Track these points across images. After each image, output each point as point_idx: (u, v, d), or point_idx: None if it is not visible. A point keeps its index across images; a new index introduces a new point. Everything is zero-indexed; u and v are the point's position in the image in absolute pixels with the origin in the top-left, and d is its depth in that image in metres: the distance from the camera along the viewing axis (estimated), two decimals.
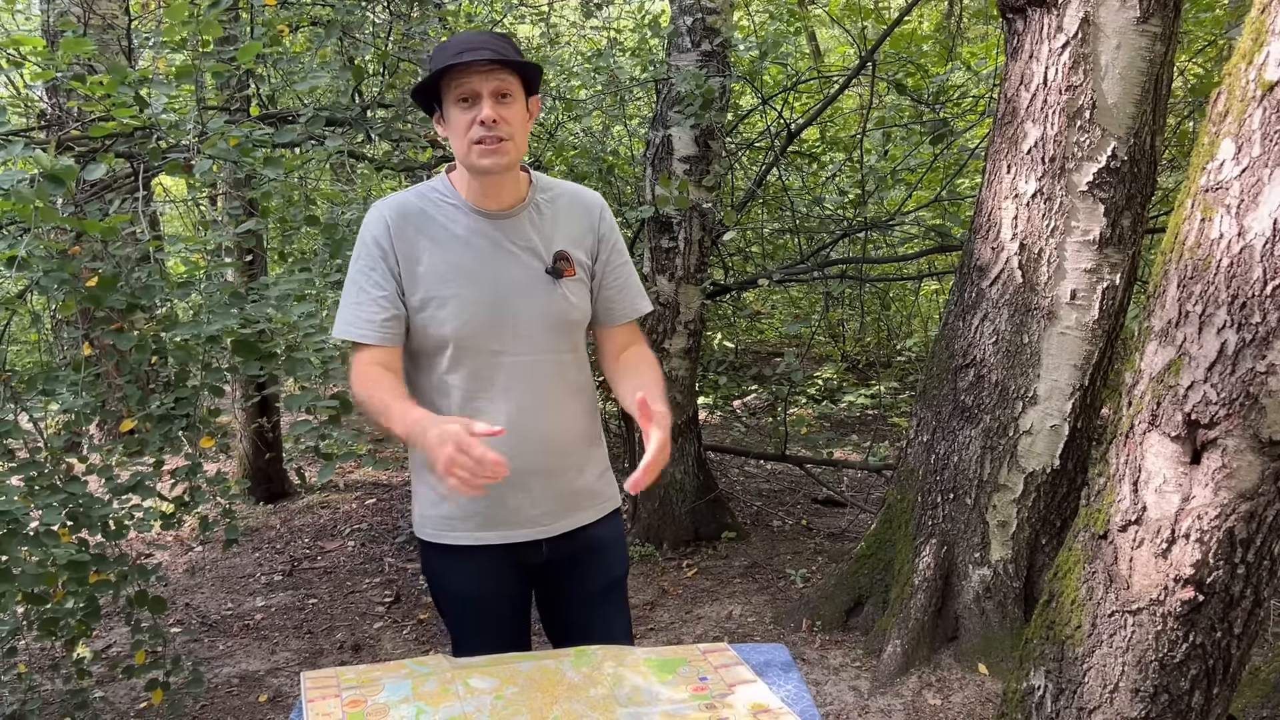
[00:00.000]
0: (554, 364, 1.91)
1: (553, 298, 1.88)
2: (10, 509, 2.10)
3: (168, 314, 2.66)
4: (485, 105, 1.76)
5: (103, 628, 4.01)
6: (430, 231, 1.86)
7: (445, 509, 1.96)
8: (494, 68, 1.76)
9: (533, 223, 1.90)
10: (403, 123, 3.96)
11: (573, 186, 2.01)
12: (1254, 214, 1.75)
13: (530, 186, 1.93)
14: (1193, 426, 1.87)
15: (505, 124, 1.78)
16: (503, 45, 1.82)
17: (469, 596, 2.03)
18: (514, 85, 1.80)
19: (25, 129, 3.47)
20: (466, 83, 1.76)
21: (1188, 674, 2.01)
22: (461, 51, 1.76)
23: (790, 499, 5.82)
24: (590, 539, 2.02)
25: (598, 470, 2.04)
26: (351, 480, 6.38)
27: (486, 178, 1.84)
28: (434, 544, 1.99)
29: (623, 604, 2.15)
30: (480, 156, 1.78)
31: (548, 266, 1.88)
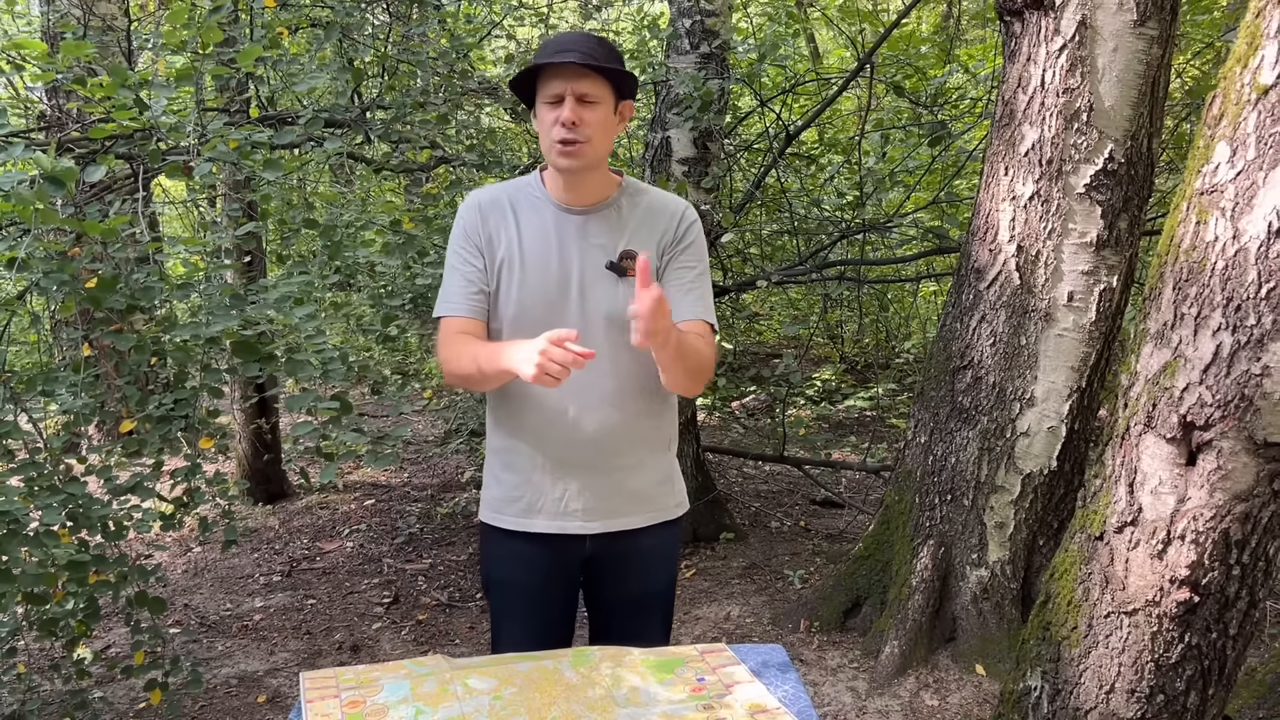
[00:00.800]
0: (614, 361, 1.91)
1: (614, 292, 1.91)
2: (10, 509, 2.11)
3: (167, 315, 2.66)
4: (567, 107, 1.81)
5: (102, 628, 4.01)
6: (514, 221, 1.95)
7: (498, 492, 2.02)
8: (582, 71, 1.81)
9: (610, 221, 1.95)
10: (401, 124, 3.96)
11: (663, 194, 2.04)
12: (1249, 217, 1.76)
13: (618, 188, 1.98)
14: (1188, 428, 1.88)
15: (585, 126, 1.83)
16: (595, 49, 1.86)
17: (510, 581, 2.07)
18: (601, 89, 1.85)
19: (25, 130, 3.47)
20: (554, 83, 1.83)
21: (1183, 675, 2.02)
22: (556, 52, 1.82)
23: (789, 500, 5.83)
24: (636, 545, 2.03)
25: (657, 478, 2.04)
26: (350, 481, 6.38)
27: (568, 176, 1.91)
28: (487, 525, 2.07)
29: (662, 614, 2.16)
30: (559, 156, 1.85)
31: (610, 262, 1.92)
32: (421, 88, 3.93)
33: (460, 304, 1.95)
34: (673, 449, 2.10)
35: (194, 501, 2.97)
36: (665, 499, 2.06)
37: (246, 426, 5.67)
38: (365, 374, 2.71)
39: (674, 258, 1.97)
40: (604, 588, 2.09)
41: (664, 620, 2.16)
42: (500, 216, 1.96)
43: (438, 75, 3.99)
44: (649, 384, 1.98)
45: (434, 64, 4.07)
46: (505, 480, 2.02)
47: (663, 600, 2.13)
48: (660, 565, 2.09)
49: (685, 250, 1.98)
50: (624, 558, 2.03)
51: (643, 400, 1.96)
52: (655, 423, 2.02)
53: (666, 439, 2.06)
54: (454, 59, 4.04)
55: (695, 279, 1.99)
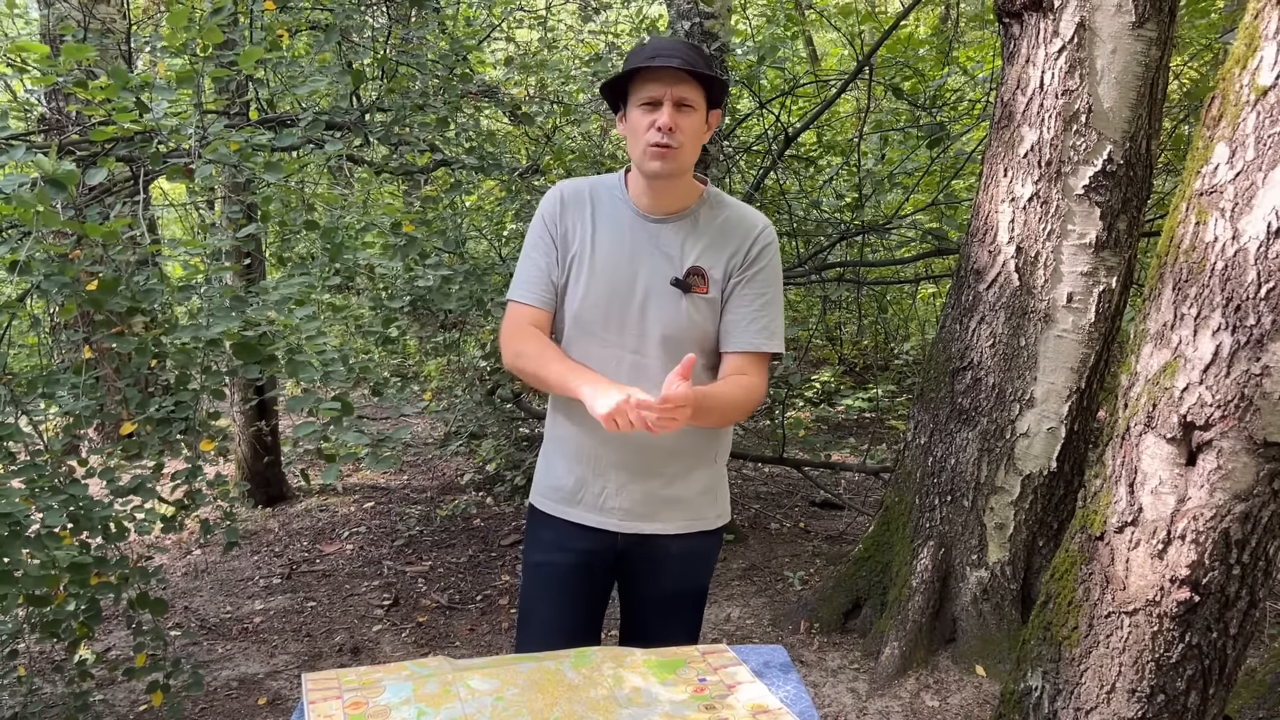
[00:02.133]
0: (661, 372, 1.88)
1: (676, 309, 1.92)
2: (12, 511, 2.11)
3: (168, 318, 2.67)
4: (665, 112, 1.82)
5: (103, 631, 4.01)
6: (592, 217, 1.96)
7: (547, 479, 2.07)
8: (681, 76, 1.82)
9: (685, 232, 1.94)
10: (401, 126, 3.96)
11: (745, 209, 2.02)
12: (1248, 217, 1.76)
13: (699, 199, 1.97)
14: (1188, 428, 1.89)
15: (680, 132, 1.84)
16: (694, 57, 1.87)
17: (546, 564, 2.09)
18: (697, 96, 1.86)
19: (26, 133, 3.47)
20: (652, 87, 1.83)
21: (1184, 674, 2.02)
22: (655, 56, 1.82)
23: (788, 501, 5.84)
24: (668, 549, 2.04)
25: (699, 488, 2.04)
26: (350, 483, 6.38)
27: (655, 181, 1.91)
28: (534, 508, 2.11)
29: (688, 619, 2.16)
30: (651, 159, 1.85)
31: (676, 278, 1.91)
32: (421, 90, 3.94)
33: (533, 293, 1.98)
34: (721, 461, 2.10)
35: (195, 504, 2.97)
36: (706, 509, 2.06)
37: (246, 429, 5.66)
38: (366, 375, 2.71)
39: (742, 280, 1.95)
40: (635, 585, 2.12)
41: (690, 625, 2.16)
42: (579, 210, 1.97)
43: (437, 78, 3.99)
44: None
45: (433, 67, 4.07)
46: (556, 468, 2.06)
47: (690, 605, 2.14)
48: (691, 571, 2.10)
49: (755, 275, 1.95)
50: (655, 559, 2.05)
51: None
52: (705, 437, 2.02)
53: (714, 452, 2.06)
54: (453, 62, 4.04)
55: (762, 306, 1.95)
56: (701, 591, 2.16)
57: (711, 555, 2.14)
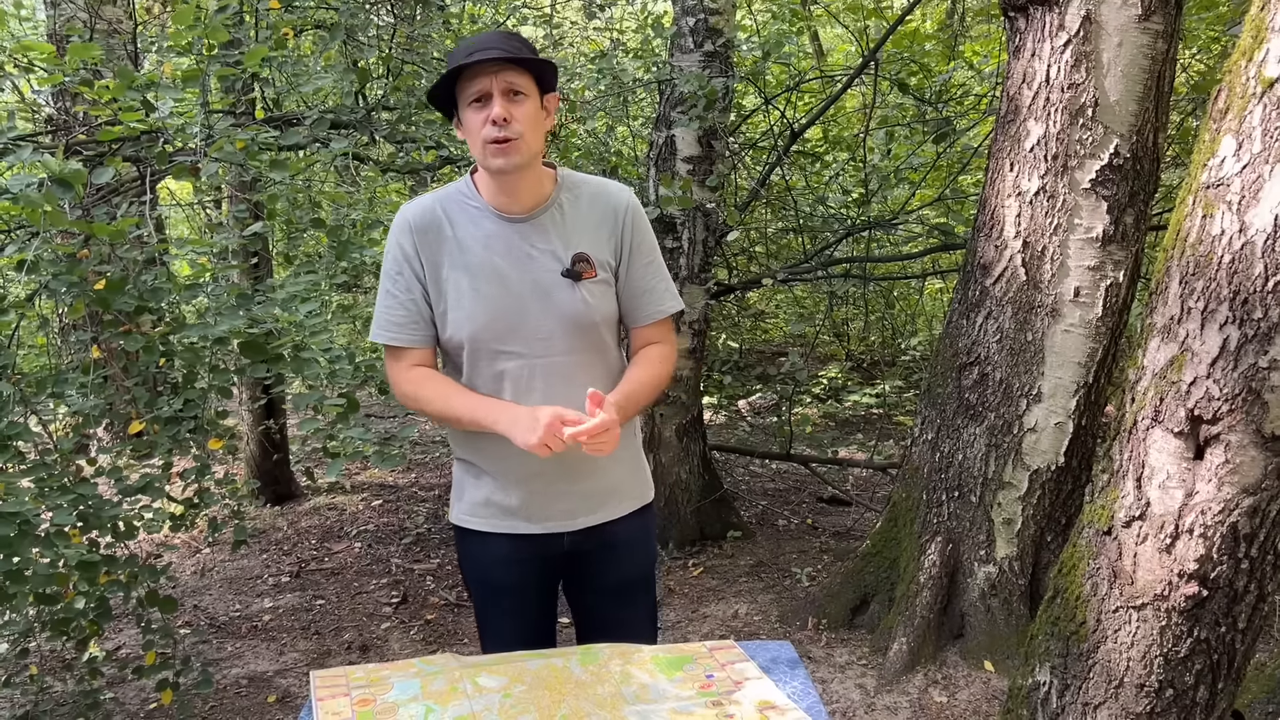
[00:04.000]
0: (576, 365, 1.91)
1: (571, 300, 1.89)
2: (21, 510, 2.12)
3: (175, 316, 2.68)
4: (496, 104, 1.78)
5: (112, 629, 4.03)
6: (452, 235, 1.89)
7: (474, 496, 2.01)
8: (503, 66, 1.78)
9: (554, 223, 1.91)
10: (407, 124, 3.97)
11: (600, 183, 2.00)
12: (1255, 210, 1.75)
13: (555, 185, 1.93)
14: (1196, 422, 1.88)
15: (516, 122, 1.79)
16: (512, 43, 1.83)
17: (491, 582, 2.07)
18: (526, 83, 1.82)
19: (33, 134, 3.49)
20: (477, 82, 1.78)
21: (1192, 669, 2.02)
22: (473, 52, 1.78)
23: (796, 498, 5.83)
24: (613, 534, 2.03)
25: (627, 467, 2.05)
26: (358, 482, 6.40)
27: (503, 177, 1.86)
28: (463, 529, 2.05)
29: (644, 599, 2.16)
30: (493, 156, 1.81)
31: (565, 269, 1.89)
32: (426, 88, 3.94)
33: (410, 334, 1.92)
34: (639, 438, 2.11)
35: (204, 502, 2.99)
36: (637, 486, 2.08)
37: (254, 428, 5.68)
38: (372, 374, 2.72)
39: (629, 259, 1.95)
40: (585, 581, 2.10)
41: (648, 606, 2.17)
42: (437, 233, 1.90)
43: None
44: (611, 381, 1.98)
45: (438, 64, 4.08)
46: (482, 485, 1.99)
47: (645, 586, 2.14)
48: (638, 551, 2.10)
49: (638, 246, 1.96)
50: (602, 549, 2.04)
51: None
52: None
53: (633, 430, 2.08)
54: None
55: (654, 273, 1.99)
56: (651, 571, 2.15)
57: (652, 531, 2.15)
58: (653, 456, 4.79)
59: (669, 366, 2.02)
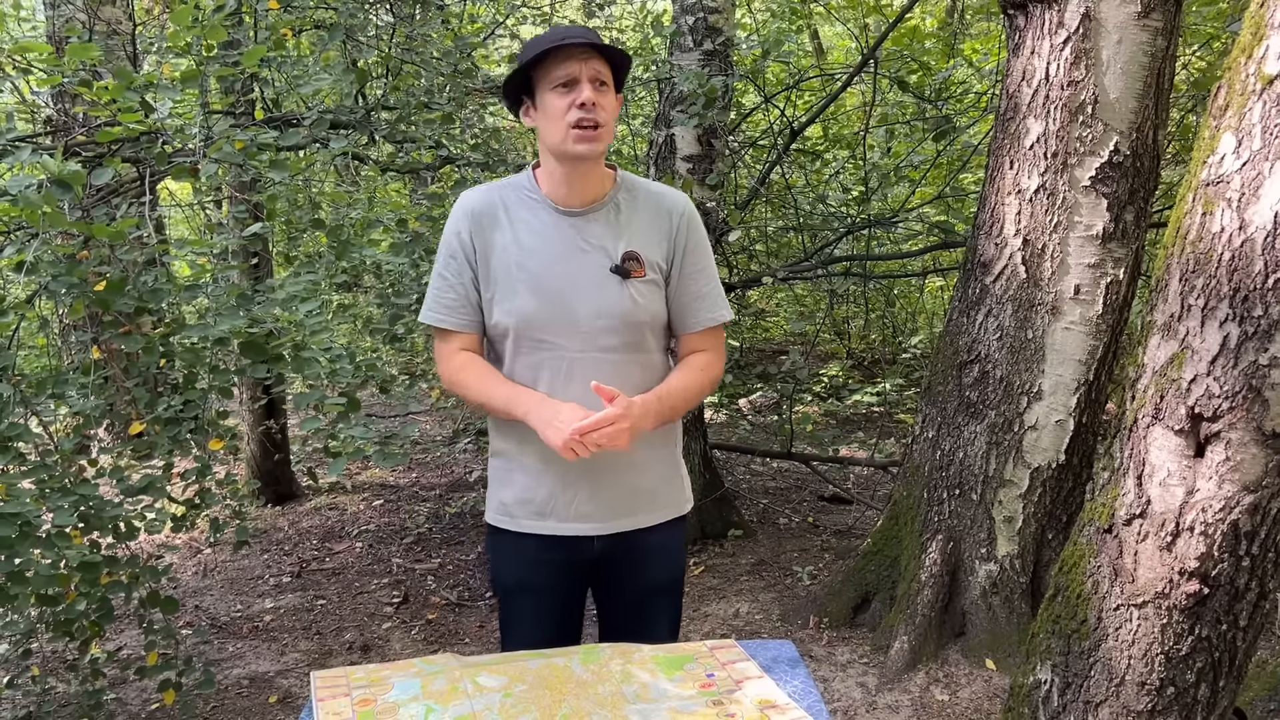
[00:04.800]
0: (617, 363, 1.91)
1: (619, 297, 1.89)
2: (23, 511, 2.12)
3: (175, 317, 2.68)
4: (585, 89, 1.80)
5: (114, 630, 4.03)
6: (509, 225, 1.92)
7: (507, 495, 2.02)
8: (593, 54, 1.81)
9: (609, 221, 1.92)
10: (406, 124, 3.97)
11: (658, 188, 2.02)
12: (1255, 207, 1.75)
13: (614, 185, 1.95)
14: (1196, 420, 1.88)
15: (602, 110, 1.82)
16: (597, 38, 1.86)
17: (518, 583, 2.07)
18: (609, 75, 1.85)
19: (32, 135, 3.49)
20: (566, 66, 1.80)
21: (1194, 667, 2.02)
22: (564, 37, 1.80)
23: (797, 496, 5.83)
24: (645, 542, 2.02)
25: (663, 475, 2.04)
26: (359, 481, 6.40)
27: (576, 166, 1.87)
28: (493, 527, 2.06)
29: (668, 610, 2.15)
30: (576, 142, 1.82)
31: (615, 265, 1.90)
32: (426, 88, 3.94)
33: (454, 317, 1.96)
34: (679, 446, 2.10)
35: (205, 503, 2.99)
36: (674, 496, 2.07)
37: (255, 428, 5.68)
38: (373, 373, 2.72)
39: (681, 266, 1.96)
40: (612, 585, 2.09)
41: (672, 616, 2.16)
42: (493, 220, 1.93)
43: (442, 75, 4.00)
44: (654, 384, 1.97)
45: (438, 64, 4.08)
46: (516, 482, 2.00)
47: (670, 595, 2.14)
48: (667, 561, 2.09)
49: (691, 251, 1.96)
50: (632, 555, 2.03)
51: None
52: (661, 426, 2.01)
53: (674, 438, 2.07)
54: (458, 59, 4.05)
55: (706, 281, 1.99)
56: (680, 580, 2.15)
57: (683, 542, 2.14)
58: None
59: (713, 375, 2.02)
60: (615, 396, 1.79)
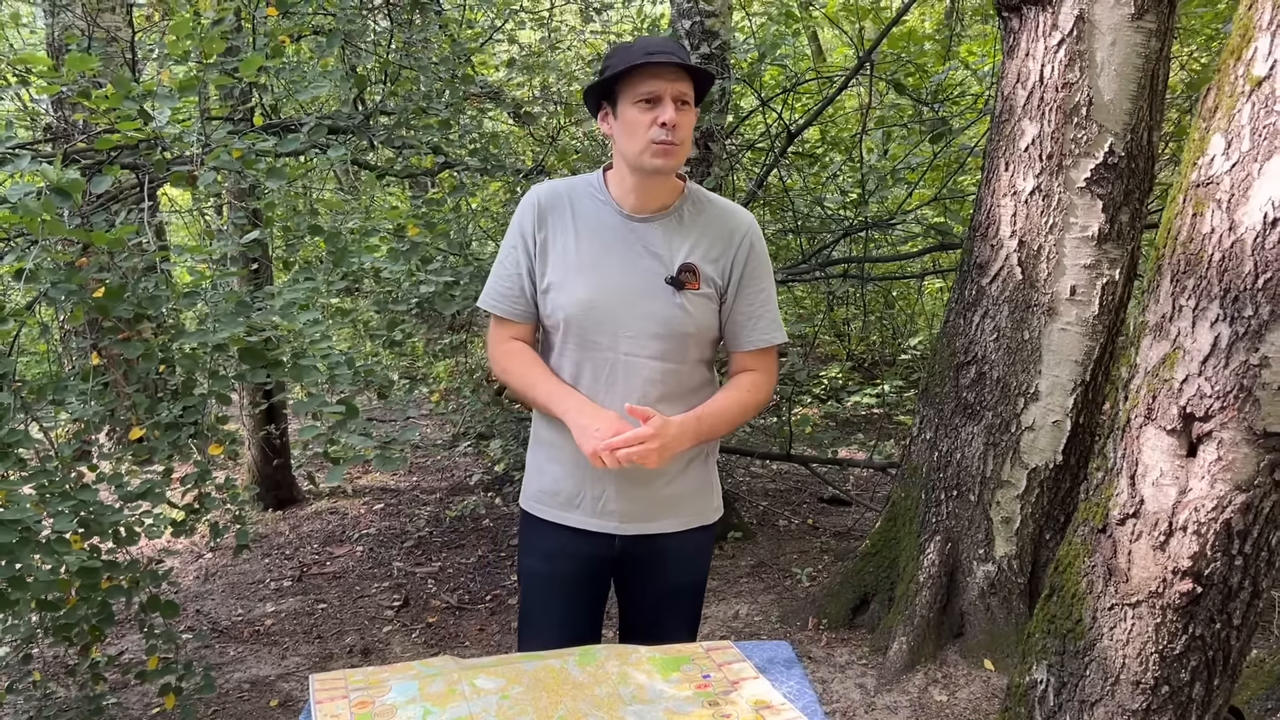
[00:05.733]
0: (660, 370, 1.93)
1: (669, 306, 1.91)
2: (23, 517, 2.13)
3: (174, 323, 2.69)
4: (669, 108, 1.81)
5: (115, 635, 4.04)
6: (573, 221, 1.95)
7: (539, 484, 2.06)
8: (680, 73, 1.82)
9: (671, 230, 1.94)
10: (405, 129, 3.98)
11: (727, 205, 2.03)
12: (1244, 208, 1.76)
13: (681, 196, 1.97)
14: (1188, 420, 1.89)
15: (682, 129, 1.84)
16: (685, 55, 1.87)
17: (543, 572, 2.10)
18: (691, 94, 1.87)
19: (32, 142, 3.50)
20: (651, 83, 1.82)
21: (1188, 665, 2.02)
22: (653, 53, 1.81)
23: (796, 498, 5.84)
24: (667, 548, 2.04)
25: (695, 485, 2.05)
26: (360, 486, 6.41)
27: (650, 178, 1.90)
28: (526, 514, 2.11)
29: (686, 615, 2.17)
30: (654, 156, 1.84)
31: (670, 276, 1.91)
32: (424, 93, 3.95)
33: (512, 306, 2.00)
34: (713, 456, 2.11)
35: (204, 507, 3.00)
36: (702, 505, 2.08)
37: (255, 433, 5.70)
38: (371, 379, 2.73)
39: (739, 285, 1.97)
40: (633, 584, 2.12)
41: (690, 620, 2.17)
42: (559, 215, 1.96)
43: (440, 81, 4.01)
44: (693, 396, 2.00)
45: (436, 70, 4.09)
46: (549, 472, 2.04)
47: (689, 600, 2.16)
48: (688, 566, 2.11)
49: (753, 272, 1.98)
50: (655, 558, 2.05)
51: (685, 410, 1.96)
52: None
53: (706, 449, 2.07)
54: (455, 64, 4.06)
55: (764, 302, 2.00)
56: (700, 585, 2.17)
57: (708, 549, 2.15)
58: None
59: (761, 396, 2.03)
60: (650, 416, 1.82)
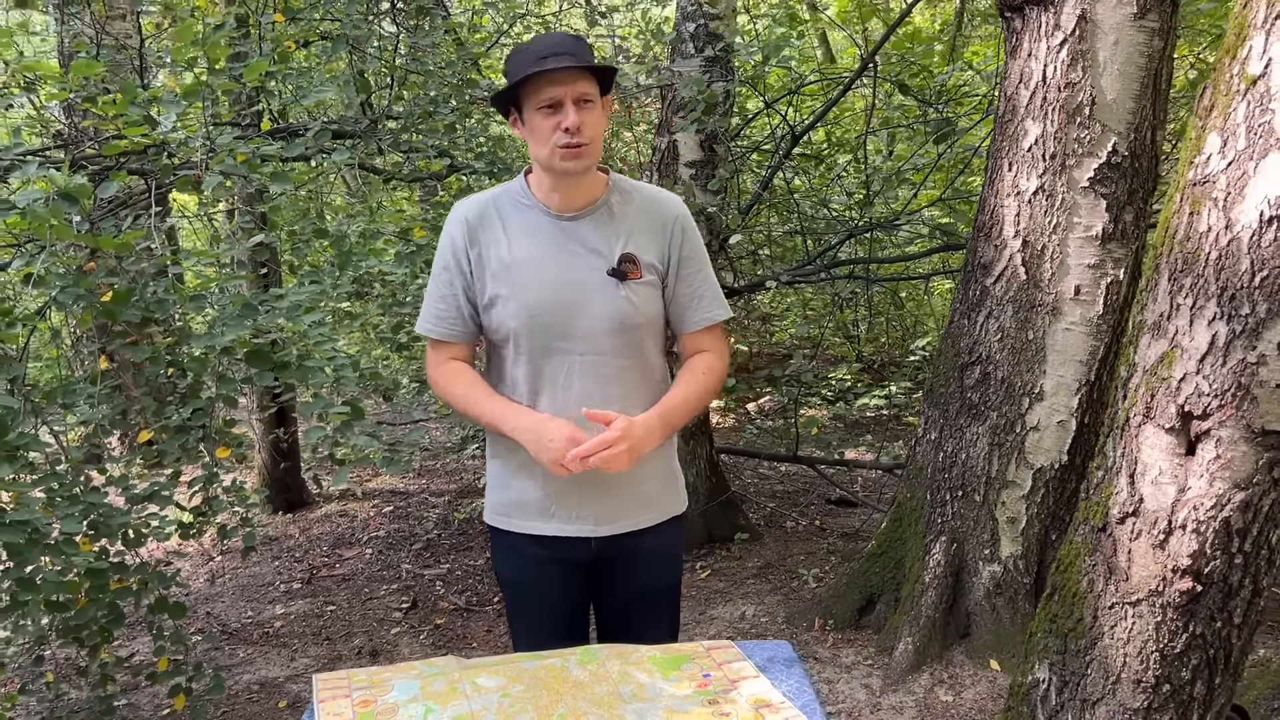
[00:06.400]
0: (615, 366, 1.93)
1: (615, 300, 1.91)
2: (31, 519, 2.16)
3: (182, 327, 2.72)
4: (570, 113, 1.80)
5: (126, 637, 4.07)
6: (503, 231, 1.94)
7: (505, 496, 2.04)
8: (578, 74, 1.80)
9: (603, 224, 1.93)
10: (413, 134, 4.01)
11: (654, 191, 2.03)
12: (1240, 206, 1.77)
13: (606, 188, 1.96)
14: (1186, 418, 1.89)
15: (588, 129, 1.82)
16: (581, 49, 1.85)
17: (520, 581, 2.10)
18: (594, 90, 1.85)
19: (43, 149, 3.54)
20: (550, 90, 1.80)
21: (1189, 664, 2.02)
22: (545, 57, 1.79)
23: (804, 500, 5.84)
24: (641, 545, 2.04)
25: (660, 477, 2.05)
26: (369, 489, 6.44)
27: (565, 180, 1.89)
28: (494, 528, 2.09)
29: (667, 611, 2.18)
30: (564, 160, 1.83)
31: (611, 268, 1.91)
32: (431, 97, 3.97)
33: (449, 328, 1.98)
34: (673, 447, 2.11)
35: (212, 510, 3.02)
36: (670, 496, 2.08)
37: (265, 436, 5.73)
38: (376, 381, 2.75)
39: (678, 266, 1.97)
40: (611, 586, 2.11)
41: (671, 616, 2.18)
42: (489, 228, 1.94)
43: (447, 85, 4.03)
44: (651, 388, 2.00)
45: (443, 74, 4.11)
46: (514, 485, 2.02)
47: (669, 596, 2.16)
48: (665, 561, 2.11)
49: (688, 257, 1.98)
50: (629, 556, 2.05)
51: (648, 403, 1.97)
52: None
53: (670, 441, 2.07)
54: (461, 68, 4.08)
55: (701, 281, 2.00)
56: (676, 582, 2.17)
57: (680, 543, 2.16)
58: None
59: (716, 377, 2.03)
60: (612, 419, 1.82)
